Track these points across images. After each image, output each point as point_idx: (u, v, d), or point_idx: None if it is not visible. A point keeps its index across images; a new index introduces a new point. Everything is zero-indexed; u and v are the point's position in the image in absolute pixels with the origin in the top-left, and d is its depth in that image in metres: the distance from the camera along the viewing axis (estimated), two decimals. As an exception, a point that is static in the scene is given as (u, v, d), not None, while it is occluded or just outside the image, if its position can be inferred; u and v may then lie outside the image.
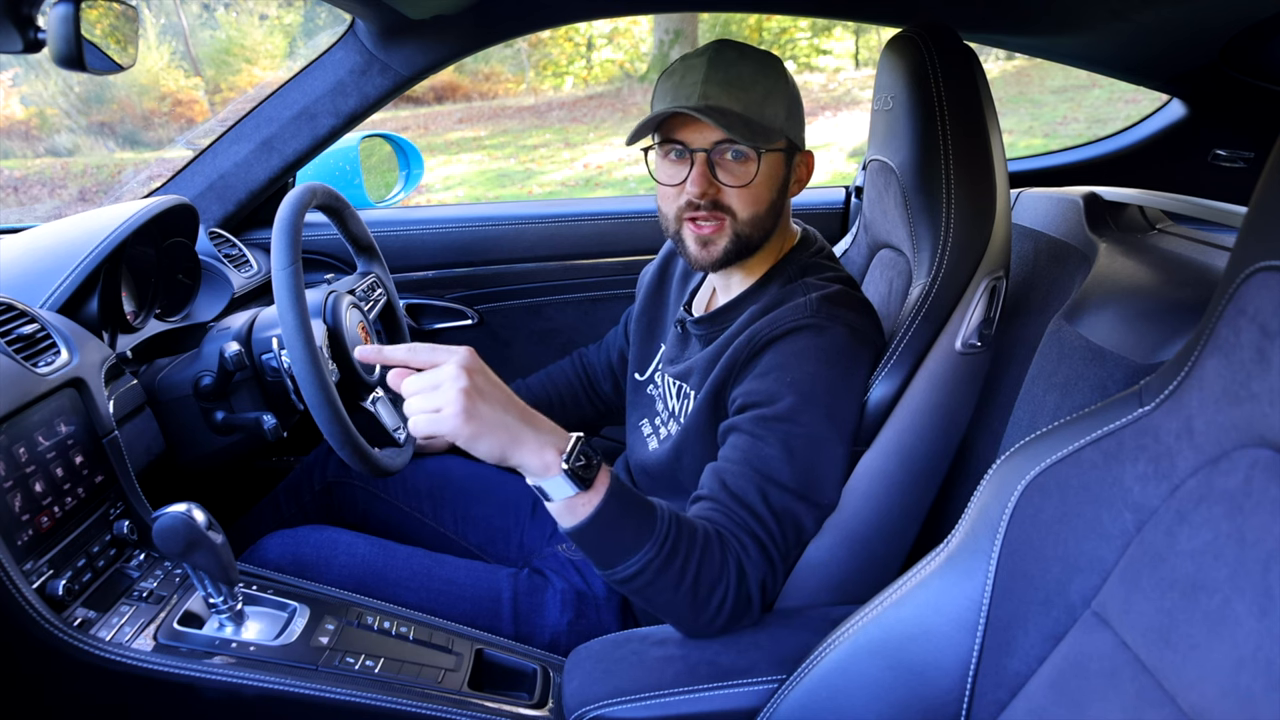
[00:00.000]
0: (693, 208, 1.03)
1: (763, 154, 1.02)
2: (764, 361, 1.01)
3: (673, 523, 0.89)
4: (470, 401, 0.80)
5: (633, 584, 0.89)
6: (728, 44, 1.04)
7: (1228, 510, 0.56)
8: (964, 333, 1.08)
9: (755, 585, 0.94)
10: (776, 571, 0.97)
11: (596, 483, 0.86)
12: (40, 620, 0.85)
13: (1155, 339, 0.92)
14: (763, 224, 1.06)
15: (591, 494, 0.86)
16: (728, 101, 1.00)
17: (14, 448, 0.89)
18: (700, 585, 0.91)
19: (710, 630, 0.95)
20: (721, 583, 0.92)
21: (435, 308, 1.85)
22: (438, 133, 8.71)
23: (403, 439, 1.25)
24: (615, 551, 0.88)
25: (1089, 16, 1.42)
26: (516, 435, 0.83)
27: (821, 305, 1.02)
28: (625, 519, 0.87)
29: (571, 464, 0.84)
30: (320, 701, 0.90)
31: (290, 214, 1.04)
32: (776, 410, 0.97)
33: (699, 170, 1.02)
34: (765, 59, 1.04)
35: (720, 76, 1.00)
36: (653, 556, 0.87)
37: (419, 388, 0.82)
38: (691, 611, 0.92)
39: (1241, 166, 1.82)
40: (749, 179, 1.02)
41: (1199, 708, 0.54)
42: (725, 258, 1.06)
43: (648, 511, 0.89)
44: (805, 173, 1.11)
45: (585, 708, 0.91)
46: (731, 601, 0.93)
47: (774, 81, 1.03)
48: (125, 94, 7.89)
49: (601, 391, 1.52)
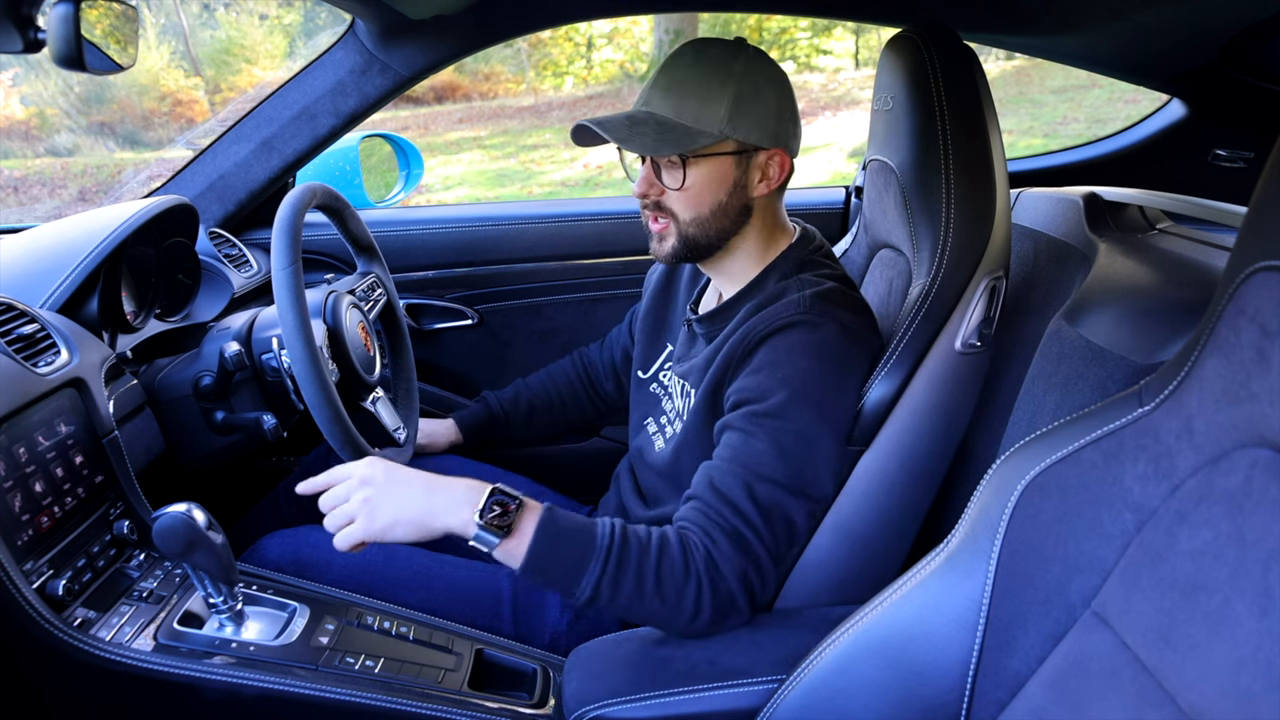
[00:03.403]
0: (645, 206, 1.10)
1: (687, 160, 1.04)
2: (757, 358, 1.02)
3: (616, 537, 0.93)
4: (371, 506, 0.91)
5: (597, 603, 0.92)
6: (689, 45, 1.06)
7: (1228, 510, 0.56)
8: (964, 333, 1.08)
9: (734, 580, 0.95)
10: (763, 567, 0.97)
11: (522, 524, 0.91)
12: (40, 620, 0.85)
13: (1155, 339, 0.92)
14: (708, 225, 1.07)
15: (518, 536, 0.91)
16: (664, 108, 1.03)
17: (14, 448, 0.89)
18: (665, 589, 0.92)
19: (699, 630, 0.96)
20: (690, 583, 0.93)
21: (435, 308, 1.85)
22: (438, 133, 8.71)
23: (403, 439, 1.25)
24: (563, 579, 0.92)
25: (1089, 16, 1.42)
26: (427, 512, 0.92)
27: (814, 302, 1.02)
28: (560, 547, 0.92)
29: (485, 519, 0.90)
30: (320, 701, 0.90)
31: (290, 214, 1.04)
32: (767, 406, 0.98)
33: (644, 172, 1.08)
34: (721, 59, 1.03)
35: (665, 81, 1.05)
36: (599, 575, 0.91)
37: (329, 505, 0.94)
38: (669, 615, 0.94)
39: (1241, 166, 1.82)
40: (680, 183, 1.05)
41: (1199, 708, 0.54)
42: (675, 255, 1.10)
43: (586, 534, 0.93)
44: (778, 171, 1.08)
45: (585, 708, 0.91)
46: (710, 600, 0.94)
47: (720, 84, 1.02)
48: (125, 94, 7.89)
49: (603, 391, 1.52)
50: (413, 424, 1.34)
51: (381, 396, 1.25)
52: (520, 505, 0.92)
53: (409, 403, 1.38)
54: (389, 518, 0.92)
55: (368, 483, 0.93)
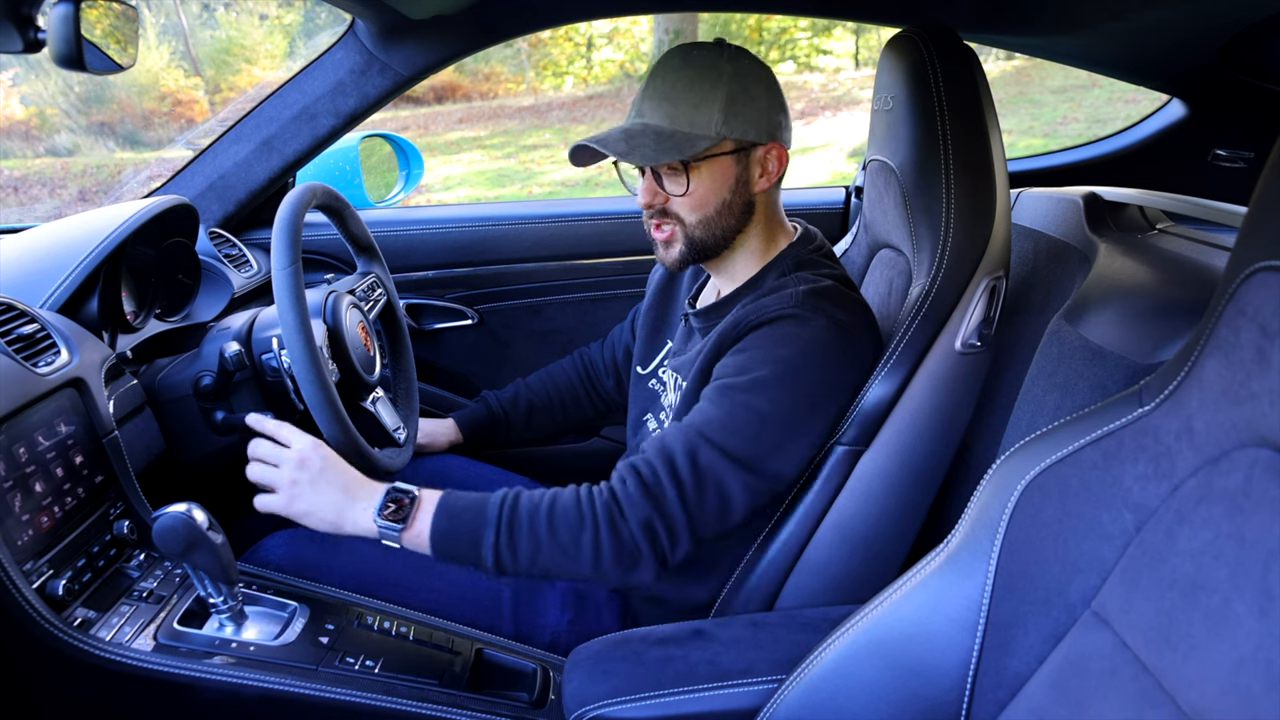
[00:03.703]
0: (649, 214, 1.10)
1: (689, 165, 1.05)
2: (743, 342, 1.03)
3: (507, 502, 0.99)
4: (296, 490, 1.00)
5: (505, 567, 0.97)
6: (675, 52, 1.07)
7: (1228, 510, 0.56)
8: (964, 333, 1.08)
9: (636, 526, 0.96)
10: (674, 523, 0.97)
11: (419, 512, 0.99)
12: (40, 620, 0.85)
13: (1155, 339, 0.92)
14: (714, 225, 1.08)
15: (417, 523, 0.99)
16: (658, 117, 1.04)
17: (14, 448, 0.89)
18: (559, 536, 0.96)
19: (608, 578, 0.98)
20: (585, 527, 0.96)
21: (435, 308, 1.85)
22: (438, 133, 8.71)
23: (403, 439, 1.25)
24: (468, 554, 0.98)
25: (1089, 16, 1.42)
26: (338, 515, 1.00)
27: (806, 298, 1.03)
28: (457, 525, 0.98)
29: (382, 515, 0.98)
30: (320, 702, 0.90)
31: (290, 214, 1.04)
32: (738, 381, 1.00)
33: (645, 183, 1.08)
34: (707, 62, 1.04)
35: (654, 91, 1.06)
36: (494, 539, 0.96)
37: (260, 456, 1.03)
38: (572, 563, 0.97)
39: (1241, 166, 1.82)
40: (684, 189, 1.06)
41: (1199, 708, 0.54)
42: (682, 259, 1.11)
43: (479, 507, 0.99)
44: (776, 166, 1.10)
45: (585, 708, 0.92)
46: (610, 543, 0.96)
47: (709, 87, 1.03)
48: (125, 94, 7.89)
49: (603, 389, 1.52)
50: (413, 424, 1.34)
51: (381, 396, 1.25)
52: (414, 498, 1.00)
53: (409, 403, 1.38)
54: (305, 508, 1.00)
55: (302, 466, 1.01)
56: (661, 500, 0.97)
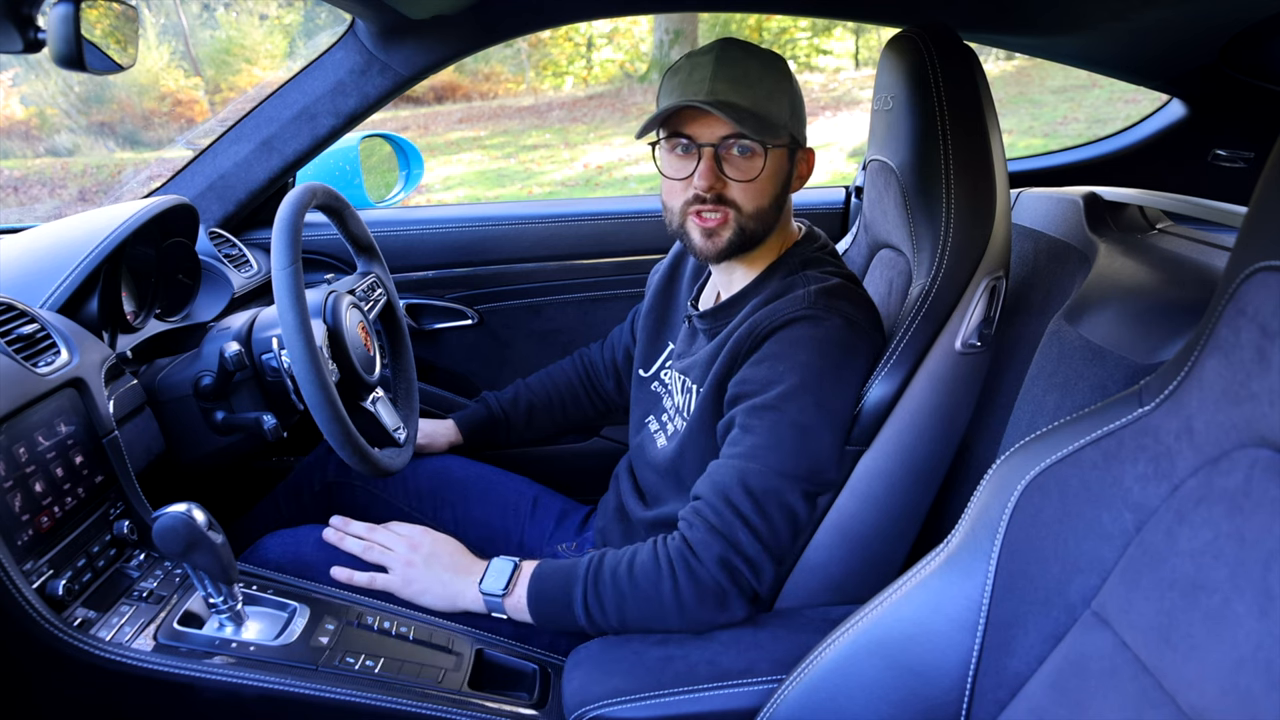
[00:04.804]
0: (699, 201, 1.05)
1: (769, 149, 1.04)
2: (761, 351, 1.03)
3: (593, 560, 1.03)
4: (410, 571, 1.10)
5: (598, 623, 1.01)
6: (733, 42, 1.06)
7: (1228, 510, 0.56)
8: (964, 332, 1.08)
9: (713, 565, 0.97)
10: (748, 553, 0.98)
11: (518, 581, 1.06)
12: (40, 620, 0.85)
13: (1155, 339, 0.92)
14: (765, 218, 1.08)
15: (516, 590, 1.06)
16: (736, 97, 1.02)
17: (14, 448, 0.89)
18: (640, 586, 0.99)
19: (696, 621, 0.99)
20: (663, 574, 0.98)
21: (435, 308, 1.85)
22: (438, 133, 8.71)
23: (402, 439, 1.25)
24: (562, 613, 1.03)
25: (1089, 16, 1.42)
26: (453, 595, 1.08)
27: (819, 297, 1.03)
28: (550, 587, 1.04)
29: (488, 589, 1.06)
30: (320, 701, 0.90)
31: (290, 214, 1.04)
32: (767, 399, 1.00)
33: (706, 164, 1.04)
34: (770, 57, 1.06)
35: (727, 73, 1.02)
36: (583, 594, 1.01)
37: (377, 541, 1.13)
38: (657, 612, 0.99)
39: (1241, 166, 1.82)
40: (755, 174, 1.04)
41: (1199, 708, 0.54)
42: (729, 249, 1.08)
43: (569, 568, 1.05)
44: (806, 169, 1.13)
45: (585, 708, 0.92)
46: (690, 587, 0.97)
47: (778, 79, 1.05)
48: (125, 94, 7.89)
49: (604, 390, 1.52)
50: (412, 424, 1.34)
51: (381, 396, 1.25)
52: (516, 567, 1.07)
53: (409, 403, 1.38)
54: (419, 589, 1.09)
55: (415, 549, 1.11)
56: (731, 534, 0.98)
